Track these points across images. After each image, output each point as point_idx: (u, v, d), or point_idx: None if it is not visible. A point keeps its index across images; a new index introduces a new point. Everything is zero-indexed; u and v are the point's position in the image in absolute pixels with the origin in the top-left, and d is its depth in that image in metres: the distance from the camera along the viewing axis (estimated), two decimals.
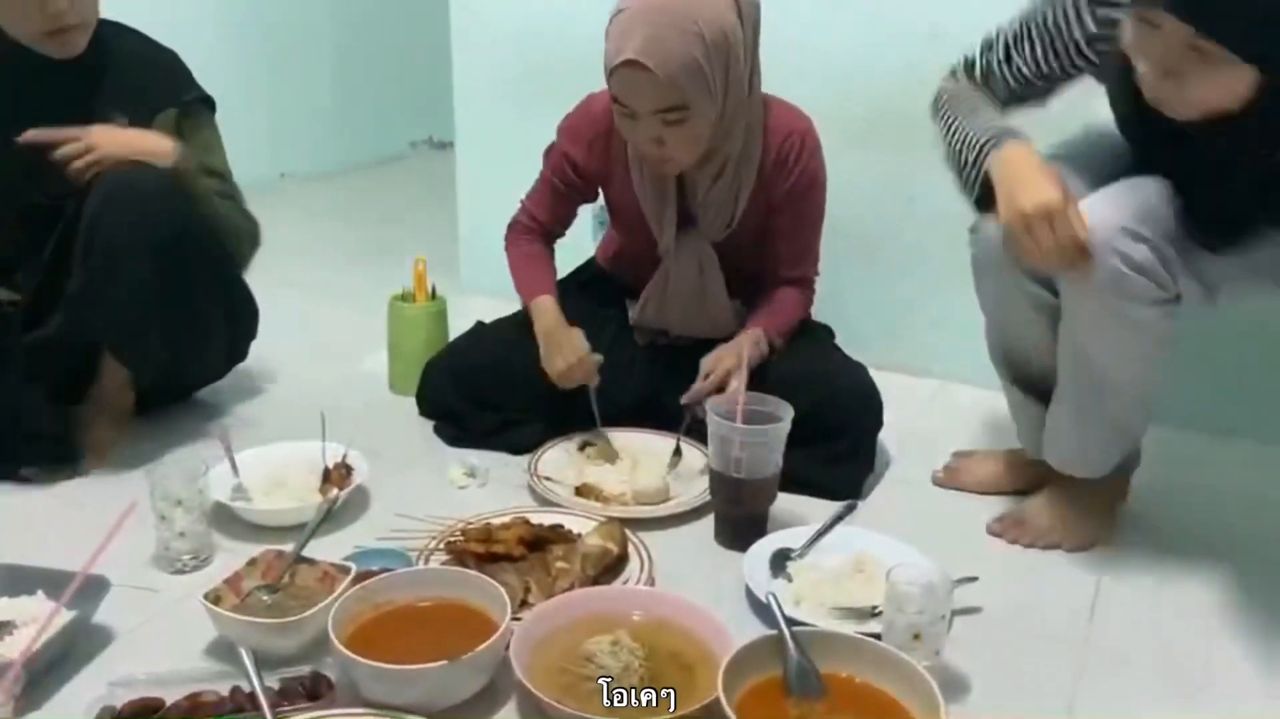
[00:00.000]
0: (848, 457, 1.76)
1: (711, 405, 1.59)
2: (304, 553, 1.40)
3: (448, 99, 2.68)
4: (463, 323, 2.06)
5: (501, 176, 2.07)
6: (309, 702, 1.18)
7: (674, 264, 1.85)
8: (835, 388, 1.76)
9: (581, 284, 2.03)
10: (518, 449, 1.86)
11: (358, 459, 1.72)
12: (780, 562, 1.51)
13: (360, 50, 4.17)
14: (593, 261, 2.11)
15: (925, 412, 2.13)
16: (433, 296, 2.13)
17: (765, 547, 1.53)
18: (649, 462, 1.79)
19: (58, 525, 1.61)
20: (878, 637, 1.25)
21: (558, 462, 1.81)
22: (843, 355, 1.88)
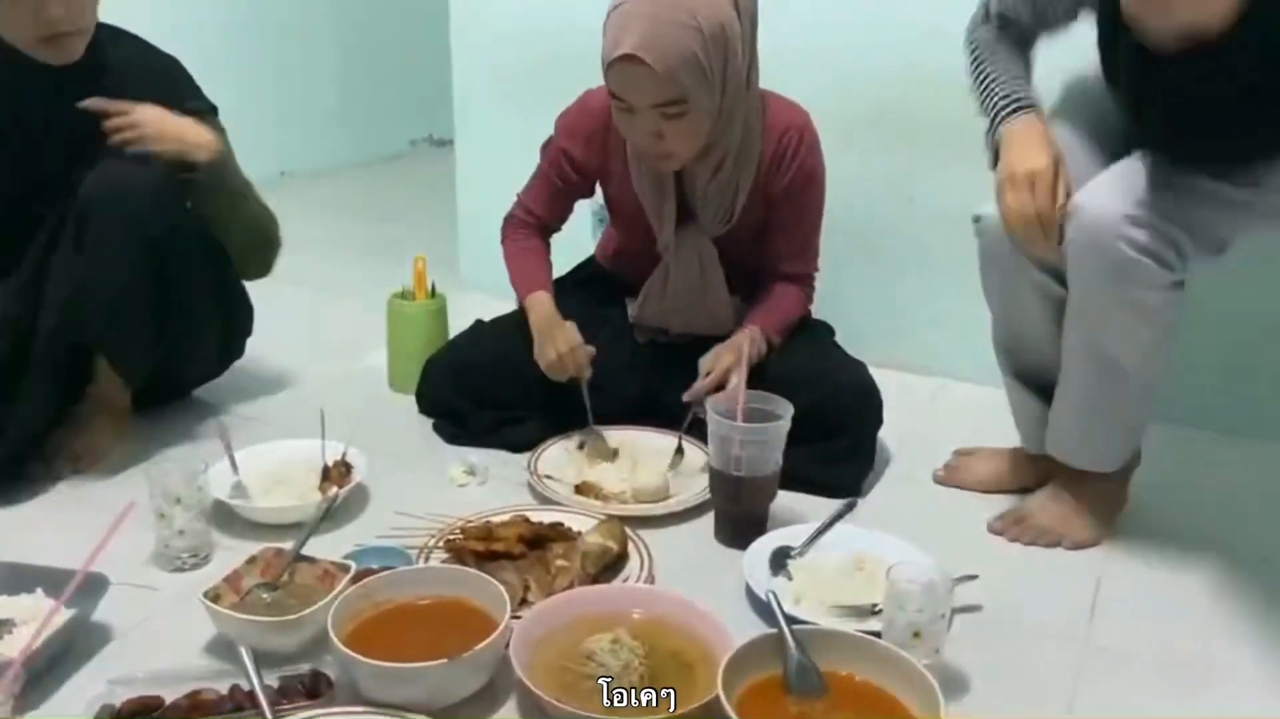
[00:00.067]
0: (848, 455, 1.76)
1: (711, 404, 1.59)
2: (303, 551, 1.40)
3: (448, 97, 2.68)
4: (462, 321, 2.06)
5: (501, 174, 2.07)
6: (308, 700, 1.18)
7: (673, 260, 1.85)
8: (835, 386, 1.75)
9: (581, 282, 2.03)
10: (517, 447, 1.86)
11: (357, 457, 1.72)
12: (780, 560, 1.51)
13: (360, 48, 4.17)
14: (592, 260, 2.11)
15: (925, 410, 2.13)
16: (432, 294, 2.12)
17: (765, 545, 1.53)
18: (649, 460, 1.79)
19: (57, 523, 1.61)
20: (878, 635, 1.25)
21: (557, 460, 1.81)
22: (843, 353, 1.88)
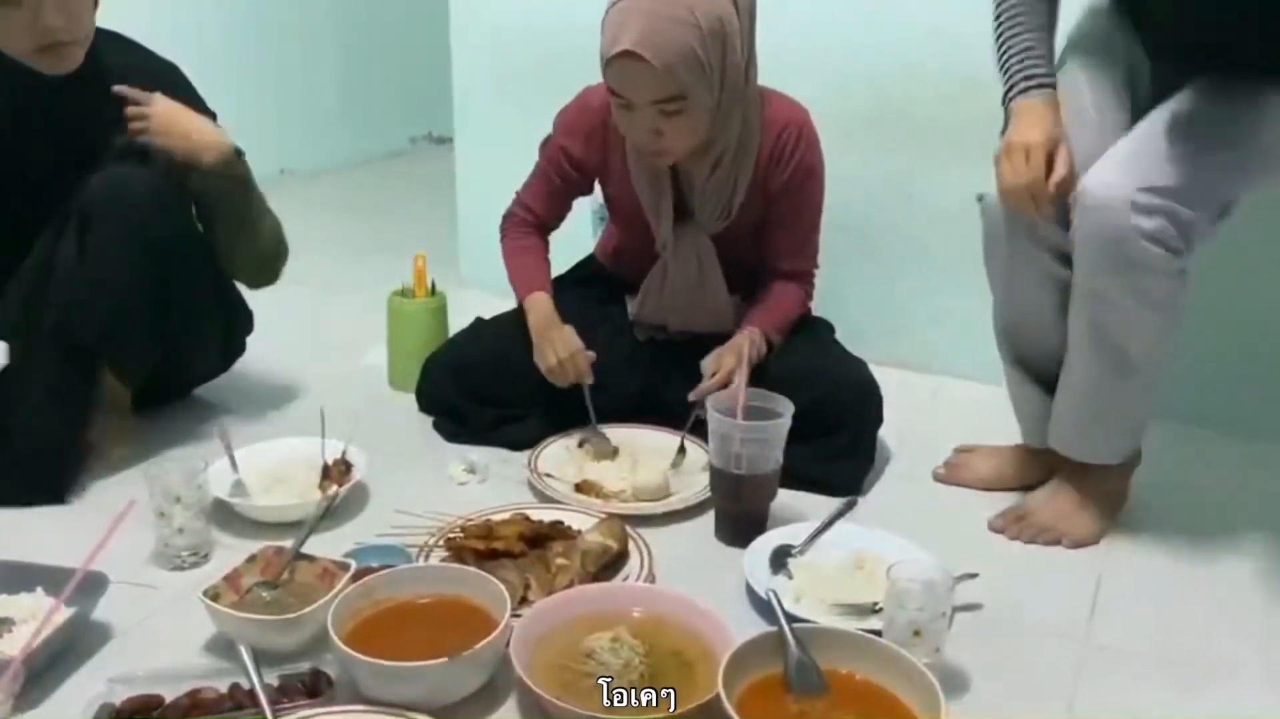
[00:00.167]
0: (848, 453, 1.76)
1: (712, 402, 1.59)
2: (303, 549, 1.40)
3: (447, 94, 2.68)
4: (462, 318, 2.06)
5: (501, 172, 2.06)
6: (308, 699, 1.18)
7: (672, 257, 1.85)
8: (836, 384, 1.75)
9: (581, 280, 2.03)
10: (517, 445, 1.86)
11: (357, 455, 1.72)
12: (780, 558, 1.51)
13: (360, 46, 4.17)
14: (592, 258, 2.10)
15: (925, 408, 2.13)
16: (432, 292, 2.12)
17: (765, 543, 1.53)
18: (649, 458, 1.79)
19: (57, 522, 1.61)
20: (878, 633, 1.25)
21: (558, 458, 1.81)
22: (843, 351, 1.88)
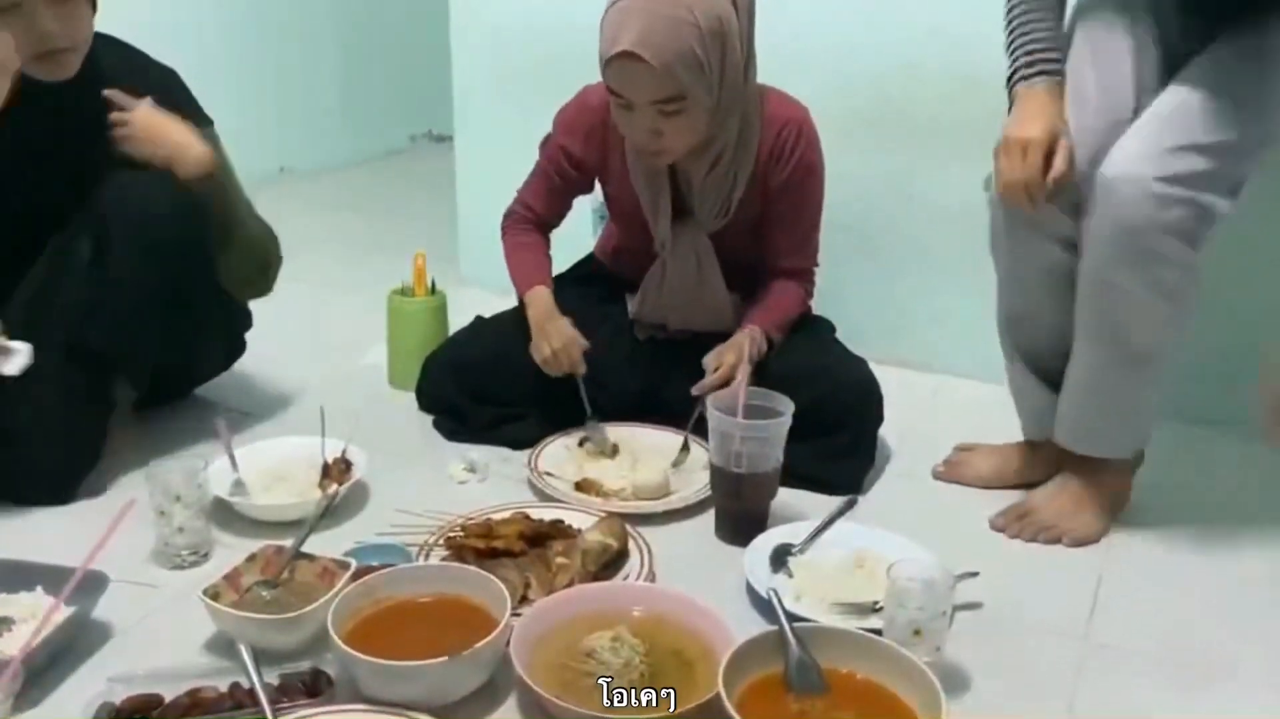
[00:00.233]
0: (848, 452, 1.76)
1: (712, 401, 1.59)
2: (303, 548, 1.40)
3: (447, 93, 2.67)
4: (462, 317, 2.06)
5: (501, 170, 2.06)
6: (309, 698, 1.18)
7: (671, 256, 1.85)
8: (836, 383, 1.75)
9: (581, 279, 2.02)
10: (517, 444, 1.86)
11: (357, 454, 1.72)
12: (781, 557, 1.50)
13: (360, 44, 4.16)
14: (592, 257, 2.10)
15: (925, 407, 2.13)
16: (432, 291, 2.12)
17: (766, 542, 1.53)
18: (649, 456, 1.79)
19: (57, 521, 1.61)
20: (878, 632, 1.25)
21: (558, 457, 1.81)
22: (843, 349, 1.87)
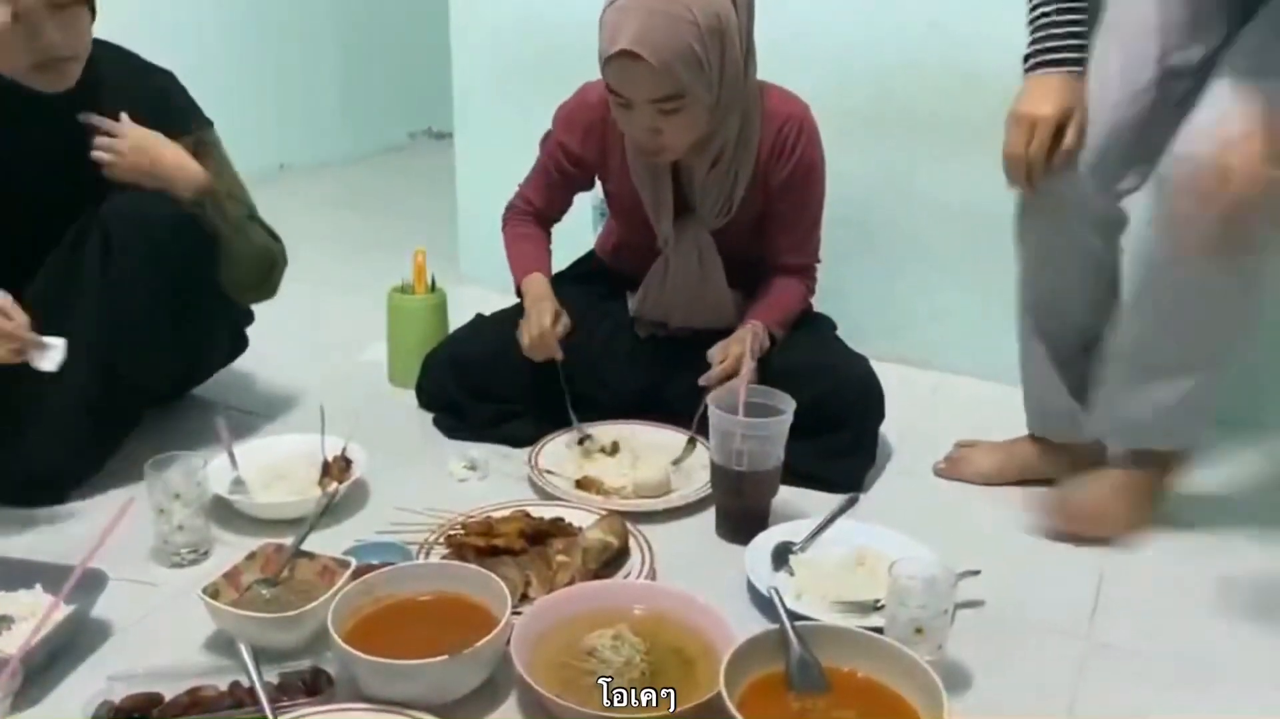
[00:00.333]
0: (849, 450, 1.76)
1: (713, 399, 1.59)
2: (303, 547, 1.40)
3: (447, 90, 2.67)
4: (462, 315, 2.05)
5: (501, 167, 2.06)
6: (308, 697, 1.18)
7: (672, 253, 1.84)
8: (837, 380, 1.75)
9: (581, 277, 2.02)
10: (518, 442, 1.85)
11: (357, 452, 1.71)
12: (782, 555, 1.50)
13: (360, 41, 4.15)
14: (592, 254, 2.10)
15: (926, 405, 2.13)
16: (432, 288, 2.12)
17: (767, 540, 1.53)
18: (650, 454, 1.79)
19: (56, 519, 1.60)
20: (880, 631, 1.25)
21: (558, 454, 1.81)
22: (845, 347, 1.87)
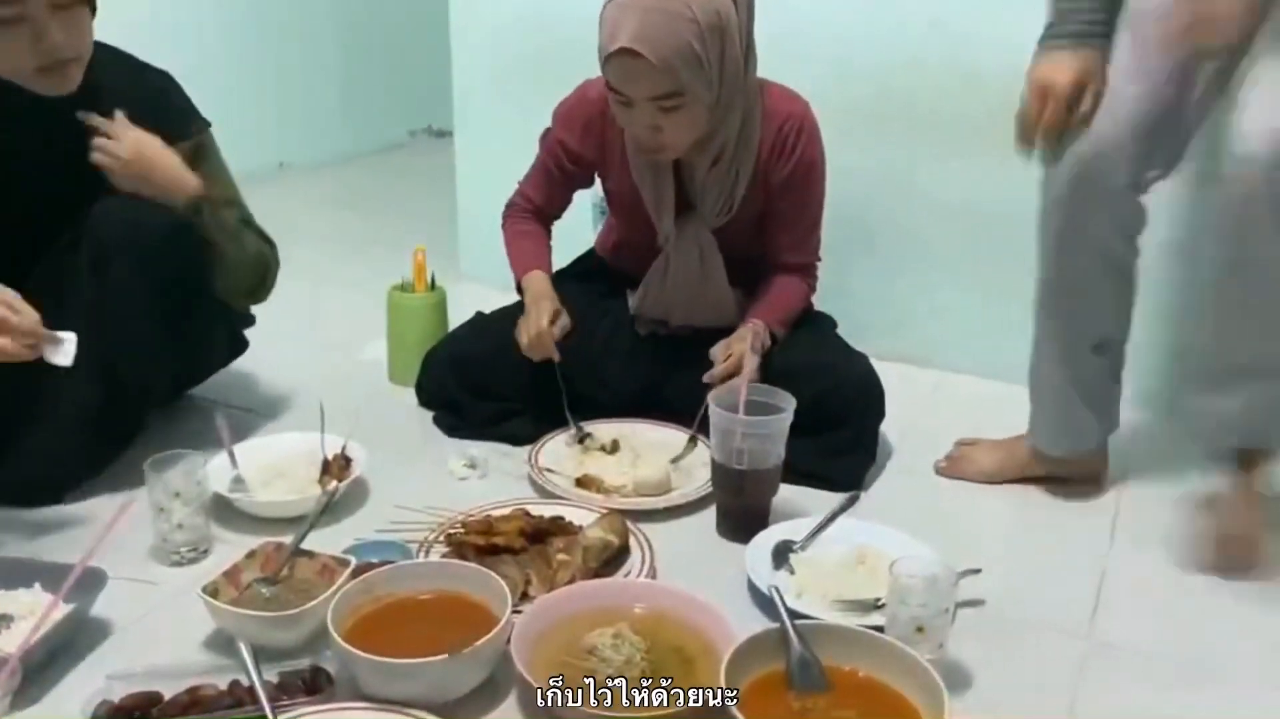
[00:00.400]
0: (850, 448, 1.75)
1: (714, 397, 1.58)
2: (303, 545, 1.39)
3: (447, 87, 2.67)
4: (462, 313, 2.05)
5: (501, 165, 2.06)
6: (308, 696, 1.18)
7: (673, 251, 1.84)
8: (838, 378, 1.75)
9: (581, 275, 2.02)
10: (518, 440, 1.85)
11: (357, 450, 1.71)
12: (782, 554, 1.50)
13: (359, 39, 4.15)
14: (592, 252, 2.09)
15: (926, 403, 2.12)
16: (432, 287, 2.11)
17: (767, 539, 1.53)
18: (650, 453, 1.78)
19: (55, 518, 1.60)
20: (881, 629, 1.25)
21: (558, 453, 1.80)
22: (845, 345, 1.87)
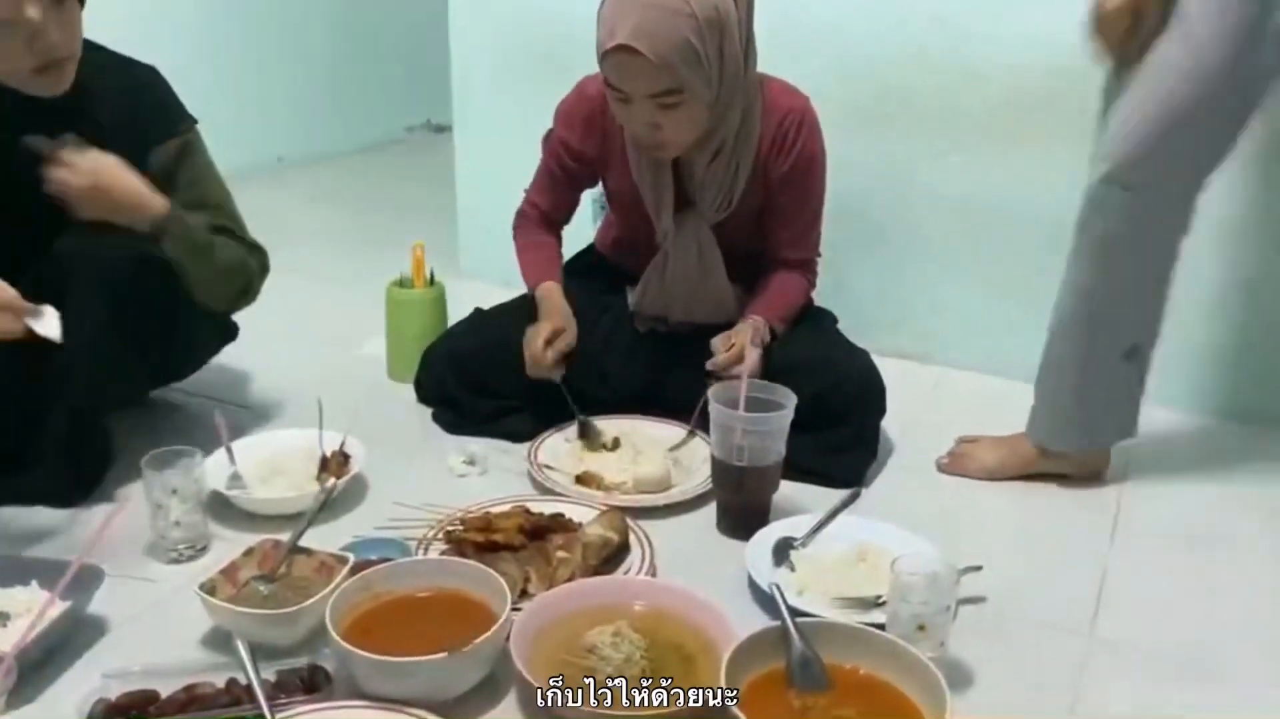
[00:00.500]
0: (850, 444, 1.75)
1: (714, 394, 1.58)
2: (301, 542, 1.39)
3: (446, 82, 2.66)
4: (461, 309, 2.04)
5: (500, 160, 2.05)
6: (306, 694, 1.17)
7: (672, 247, 1.83)
8: (839, 375, 1.74)
9: (581, 271, 2.01)
10: (517, 437, 1.84)
11: (356, 447, 1.70)
12: (783, 551, 1.49)
13: (358, 33, 4.15)
14: (592, 248, 2.09)
15: (927, 399, 2.12)
16: (431, 282, 2.11)
17: (768, 536, 1.52)
18: (651, 450, 1.77)
19: (52, 515, 1.59)
20: (882, 627, 1.24)
21: (558, 450, 1.80)
22: (846, 341, 1.86)
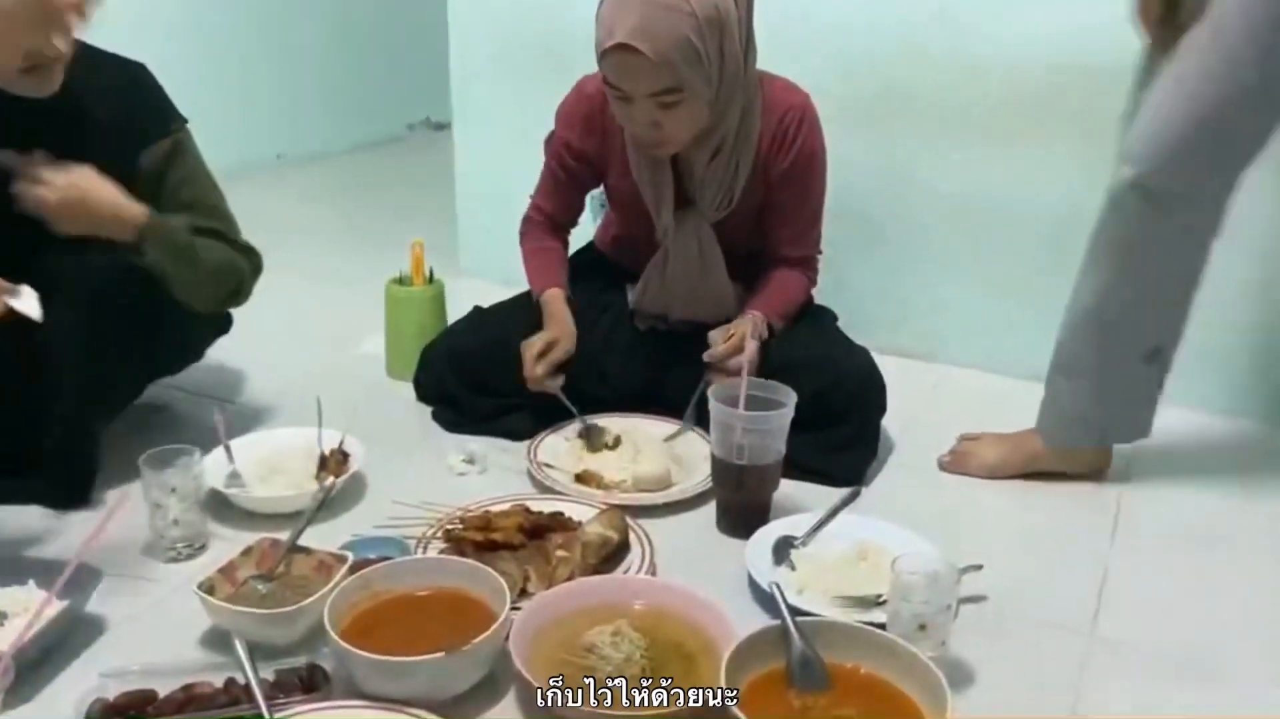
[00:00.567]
0: (851, 443, 1.74)
1: (714, 392, 1.57)
2: (300, 541, 1.39)
3: (445, 80, 2.65)
4: (460, 307, 2.04)
5: (499, 158, 2.05)
6: (305, 694, 1.17)
7: (673, 245, 1.83)
8: (839, 373, 1.73)
9: (581, 269, 2.00)
10: (517, 435, 1.84)
11: (354, 445, 1.70)
12: (783, 550, 1.49)
13: (357, 30, 4.15)
14: (592, 246, 2.08)
15: (928, 397, 2.11)
16: (430, 280, 2.10)
17: (768, 534, 1.52)
18: (650, 448, 1.77)
19: (50, 514, 1.59)
20: (882, 626, 1.24)
21: (557, 448, 1.79)
22: (846, 339, 1.86)
